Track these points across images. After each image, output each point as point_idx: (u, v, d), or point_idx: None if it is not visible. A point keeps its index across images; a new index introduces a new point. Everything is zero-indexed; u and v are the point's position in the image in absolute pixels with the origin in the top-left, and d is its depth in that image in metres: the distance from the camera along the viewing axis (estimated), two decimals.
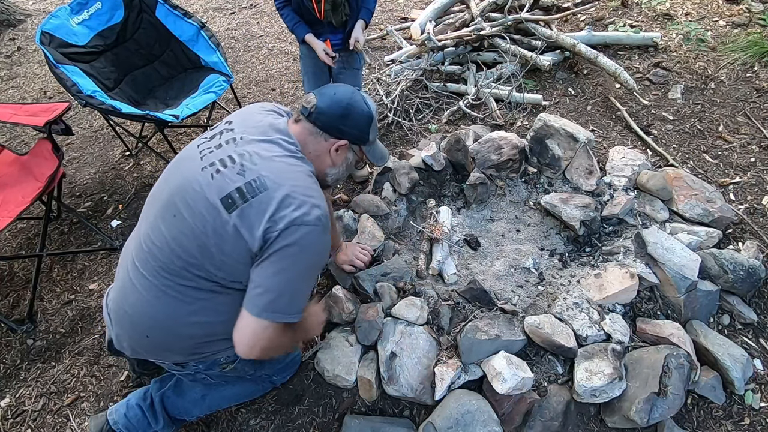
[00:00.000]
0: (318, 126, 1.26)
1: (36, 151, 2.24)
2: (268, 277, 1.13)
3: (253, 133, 1.25)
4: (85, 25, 2.59)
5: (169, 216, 1.20)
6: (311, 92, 1.29)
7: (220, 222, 1.12)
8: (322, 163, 1.32)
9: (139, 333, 1.26)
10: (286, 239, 1.10)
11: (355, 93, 1.29)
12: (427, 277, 1.91)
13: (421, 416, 1.60)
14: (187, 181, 1.20)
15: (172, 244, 1.18)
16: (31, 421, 1.71)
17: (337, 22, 1.94)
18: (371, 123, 1.31)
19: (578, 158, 2.14)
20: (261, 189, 1.12)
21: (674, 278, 1.70)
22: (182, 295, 1.19)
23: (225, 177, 1.15)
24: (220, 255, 1.13)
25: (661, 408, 1.46)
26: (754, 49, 2.95)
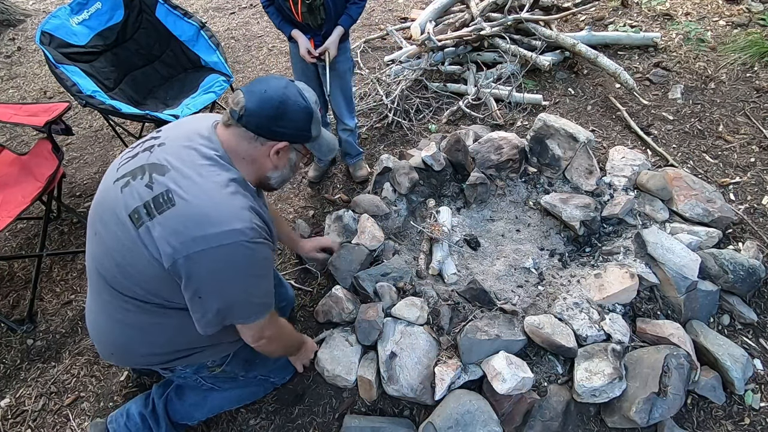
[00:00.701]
0: (250, 129, 1.12)
1: (36, 151, 2.24)
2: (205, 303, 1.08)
3: (175, 139, 1.15)
4: (85, 25, 2.59)
5: (92, 234, 1.18)
6: (240, 90, 1.15)
7: (130, 239, 1.06)
8: (262, 168, 1.19)
9: (105, 350, 1.27)
10: (205, 264, 1.03)
11: (288, 87, 1.14)
12: (427, 277, 1.91)
13: (421, 416, 1.60)
14: (101, 196, 1.17)
15: (98, 264, 1.16)
16: (31, 421, 1.71)
17: (313, 24, 1.94)
18: (311, 118, 1.18)
19: (578, 158, 2.14)
20: (168, 204, 1.03)
21: (674, 278, 1.70)
22: (127, 319, 1.17)
23: (133, 190, 1.08)
24: (138, 274, 1.08)
25: (661, 408, 1.46)
26: (754, 49, 2.95)
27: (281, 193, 2.56)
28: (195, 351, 1.28)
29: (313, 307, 1.89)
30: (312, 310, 1.89)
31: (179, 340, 1.23)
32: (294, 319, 1.87)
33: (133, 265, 1.08)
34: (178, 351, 1.26)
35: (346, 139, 2.41)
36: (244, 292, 1.11)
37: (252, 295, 1.14)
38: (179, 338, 1.23)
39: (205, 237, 1.02)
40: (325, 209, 2.42)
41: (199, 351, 1.29)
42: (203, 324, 1.12)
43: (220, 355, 1.35)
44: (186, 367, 1.33)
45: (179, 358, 1.28)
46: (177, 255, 1.02)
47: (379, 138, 2.83)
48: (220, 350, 1.34)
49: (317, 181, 2.57)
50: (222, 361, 1.37)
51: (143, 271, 1.07)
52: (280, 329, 1.32)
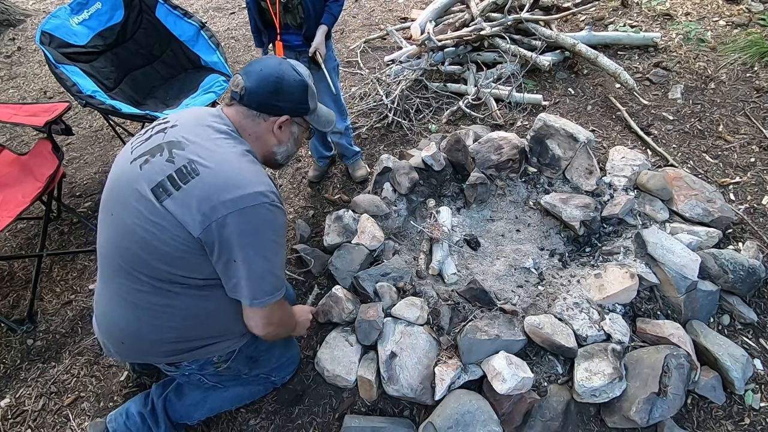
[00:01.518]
0: (252, 108, 1.21)
1: (36, 151, 2.24)
2: (238, 269, 1.11)
3: (187, 120, 1.22)
4: (85, 25, 2.59)
5: (107, 217, 1.20)
6: (237, 74, 1.23)
7: (155, 212, 1.09)
8: (267, 143, 1.27)
9: (115, 340, 1.26)
10: (235, 226, 1.07)
11: (282, 63, 1.23)
12: (427, 277, 1.91)
13: (421, 416, 1.60)
14: (117, 177, 1.19)
15: (115, 245, 1.17)
16: (31, 421, 1.71)
17: (292, 23, 1.93)
18: (307, 90, 1.25)
19: (578, 158, 2.14)
20: (193, 174, 1.08)
21: (674, 278, 1.70)
22: (141, 301, 1.18)
23: (154, 166, 1.12)
24: (164, 246, 1.10)
25: (661, 408, 1.46)
26: (754, 49, 2.95)
27: (281, 192, 2.56)
28: (203, 343, 1.29)
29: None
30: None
31: (189, 328, 1.24)
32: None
33: (158, 238, 1.09)
34: (187, 341, 1.26)
35: (338, 141, 2.39)
36: (267, 259, 1.14)
37: (273, 264, 1.15)
38: (189, 325, 1.23)
39: (234, 200, 1.06)
40: (325, 209, 2.42)
41: (207, 344, 1.29)
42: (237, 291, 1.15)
43: (227, 351, 1.35)
44: (192, 362, 1.33)
45: (187, 351, 1.28)
46: (208, 221, 1.06)
47: (379, 138, 2.83)
48: (227, 345, 1.34)
49: (317, 181, 2.57)
50: (228, 357, 1.37)
51: (169, 243, 1.09)
52: (286, 313, 1.33)
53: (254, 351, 1.45)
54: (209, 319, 1.25)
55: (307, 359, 1.76)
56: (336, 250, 1.97)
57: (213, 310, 1.24)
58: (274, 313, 1.23)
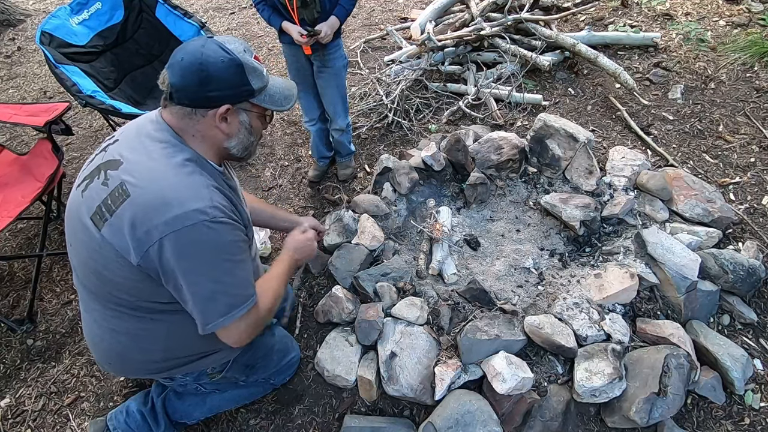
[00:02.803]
0: (186, 105, 1.04)
1: (36, 151, 2.24)
2: (184, 294, 1.02)
3: (127, 132, 1.12)
4: (85, 25, 2.59)
5: (69, 246, 1.16)
6: (165, 68, 1.06)
7: (96, 242, 1.02)
8: (215, 140, 1.10)
9: (103, 360, 1.25)
10: (172, 250, 0.97)
11: (206, 45, 1.03)
12: (427, 277, 1.91)
13: (421, 416, 1.60)
14: (69, 205, 1.14)
15: (79, 274, 1.15)
16: (31, 421, 1.71)
17: (309, 18, 1.94)
18: (242, 69, 1.04)
19: (578, 158, 2.14)
20: (123, 197, 0.99)
21: (674, 278, 1.70)
22: (118, 327, 1.15)
23: (92, 192, 1.04)
24: (114, 277, 1.04)
25: (661, 408, 1.46)
26: (754, 49, 2.95)
27: (281, 193, 2.56)
28: (193, 359, 1.26)
29: (313, 308, 1.89)
30: (312, 310, 1.89)
31: (174, 348, 1.21)
32: (294, 319, 1.87)
33: (107, 267, 1.03)
34: (176, 359, 1.24)
35: (339, 139, 2.41)
36: (218, 281, 1.03)
37: (227, 284, 1.04)
38: (173, 345, 1.20)
39: (167, 221, 0.96)
40: (325, 209, 2.42)
41: (198, 359, 1.26)
42: (199, 323, 1.06)
43: (220, 362, 1.33)
44: (186, 375, 1.32)
45: (177, 367, 1.26)
46: (144, 246, 0.97)
47: (379, 138, 2.83)
48: (220, 357, 1.31)
49: (317, 181, 2.57)
50: (222, 368, 1.35)
51: (118, 273, 1.03)
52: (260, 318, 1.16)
53: (250, 359, 1.44)
54: (192, 337, 1.15)
55: (307, 359, 1.76)
56: (336, 250, 1.97)
57: (192, 329, 1.11)
58: (240, 329, 1.10)
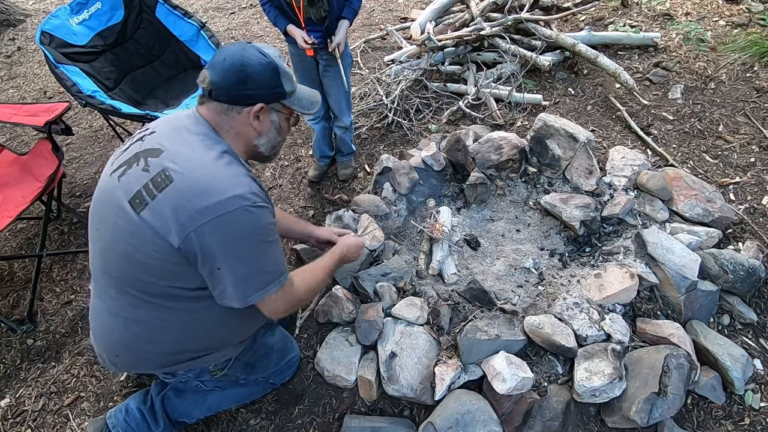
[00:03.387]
0: (223, 101, 1.14)
1: (36, 151, 2.24)
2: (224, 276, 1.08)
3: (164, 125, 1.18)
4: (85, 25, 2.59)
5: (94, 231, 1.18)
6: (204, 69, 1.17)
7: (134, 225, 1.06)
8: (247, 137, 1.20)
9: (111, 352, 1.25)
10: (215, 235, 1.03)
11: (246, 49, 1.15)
12: (427, 277, 1.91)
13: (421, 416, 1.60)
14: (100, 191, 1.18)
15: (103, 260, 1.16)
16: (31, 421, 1.71)
17: (315, 16, 1.93)
18: (278, 72, 1.16)
19: (578, 158, 2.14)
20: (167, 181, 1.05)
21: (674, 278, 1.70)
22: (133, 316, 1.16)
23: (130, 177, 1.09)
24: (147, 259, 1.07)
25: (661, 408, 1.46)
26: (754, 49, 2.95)
27: (281, 192, 2.56)
28: (199, 354, 1.27)
29: (313, 307, 1.89)
30: (312, 310, 1.89)
31: (184, 340, 1.23)
32: (295, 319, 1.87)
33: (140, 250, 1.07)
34: (184, 352, 1.25)
35: (341, 136, 2.42)
36: (255, 260, 1.10)
37: (263, 263, 1.13)
38: (184, 337, 1.22)
39: (209, 207, 1.02)
40: (325, 209, 2.42)
41: (203, 355, 1.28)
42: (224, 298, 1.12)
43: (222, 360, 1.34)
44: (188, 371, 1.32)
45: (183, 362, 1.27)
46: (186, 230, 1.03)
47: (379, 138, 2.83)
48: (223, 354, 1.33)
49: (317, 181, 2.57)
50: (224, 365, 1.36)
51: (152, 255, 1.07)
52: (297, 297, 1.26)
53: (251, 358, 1.45)
54: (203, 330, 1.22)
55: (307, 359, 1.76)
56: None
57: (206, 322, 1.21)
58: (276, 302, 1.18)
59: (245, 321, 1.31)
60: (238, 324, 1.30)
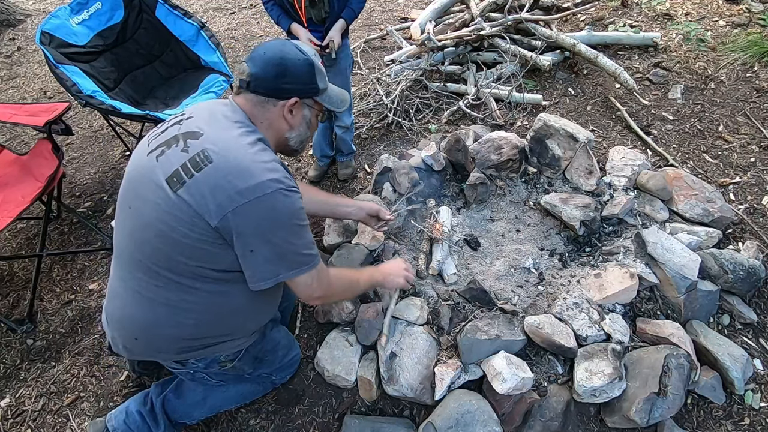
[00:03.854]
0: (260, 93, 1.20)
1: (36, 151, 2.24)
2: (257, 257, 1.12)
3: (201, 111, 1.22)
4: (85, 25, 2.59)
5: (125, 211, 1.20)
6: (243, 61, 1.22)
7: (171, 203, 1.09)
8: (279, 129, 1.25)
9: (128, 335, 1.26)
10: (252, 216, 1.07)
11: (285, 45, 1.21)
12: (427, 277, 1.91)
13: (421, 416, 1.60)
14: (134, 169, 1.20)
15: (134, 239, 1.17)
16: (31, 421, 1.71)
17: (316, 17, 1.94)
18: (314, 70, 1.23)
19: (578, 158, 2.14)
20: (206, 161, 1.08)
21: (674, 278, 1.70)
22: (158, 296, 1.18)
23: (169, 157, 1.12)
24: (182, 238, 1.10)
25: (661, 408, 1.46)
26: (754, 49, 2.95)
27: None
28: (215, 341, 1.29)
29: (314, 308, 1.89)
30: (312, 310, 1.89)
31: (205, 324, 1.24)
32: (295, 318, 1.87)
33: (175, 229, 1.09)
34: (202, 338, 1.27)
35: (342, 136, 2.43)
36: (289, 243, 1.14)
37: (297, 245, 1.16)
38: (206, 321, 1.24)
39: (249, 188, 1.06)
40: None
41: (218, 342, 1.30)
42: (256, 279, 1.15)
43: (234, 350, 1.36)
44: (199, 361, 1.33)
45: (199, 348, 1.28)
46: (224, 210, 1.06)
47: (379, 138, 2.83)
48: (236, 345, 1.35)
49: (317, 181, 2.57)
50: (234, 356, 1.38)
51: (187, 234, 1.09)
52: (334, 284, 1.32)
53: (259, 351, 1.46)
54: (224, 316, 1.26)
55: (307, 359, 1.76)
56: (336, 250, 1.97)
57: (229, 307, 1.24)
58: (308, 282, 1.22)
59: (261, 309, 1.36)
60: (255, 312, 1.34)
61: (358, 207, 1.78)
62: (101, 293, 2.13)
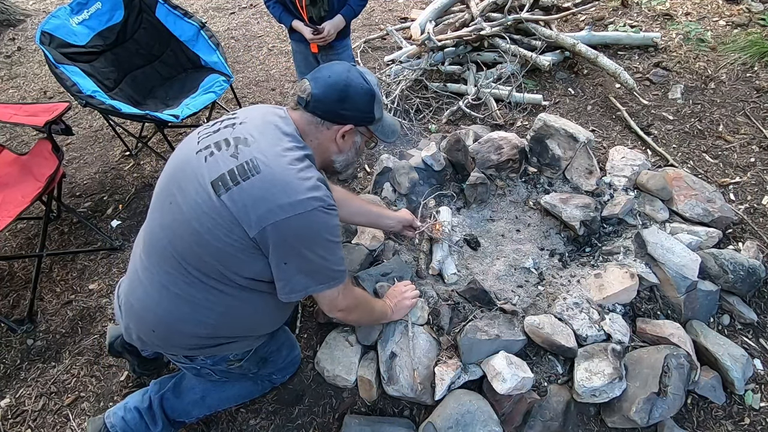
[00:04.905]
0: (318, 115, 1.20)
1: (36, 151, 2.24)
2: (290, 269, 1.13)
3: (255, 117, 1.22)
4: (85, 25, 2.59)
5: (166, 204, 1.20)
6: (305, 78, 1.22)
7: (211, 206, 1.09)
8: (327, 151, 1.27)
9: (146, 327, 1.26)
10: (291, 231, 1.08)
11: (351, 70, 1.21)
12: (427, 277, 1.91)
13: (421, 416, 1.60)
14: (181, 165, 1.19)
15: (169, 233, 1.17)
16: (31, 421, 1.71)
17: (316, 16, 1.96)
18: (374, 100, 1.23)
19: (578, 158, 2.14)
20: (254, 171, 1.08)
21: (674, 278, 1.70)
22: (184, 293, 1.18)
23: (218, 160, 1.12)
24: (216, 242, 1.10)
25: (661, 408, 1.46)
26: (754, 49, 2.95)
27: None
28: (228, 341, 1.30)
29: (314, 307, 1.89)
30: (312, 310, 1.89)
31: (224, 324, 1.25)
32: (295, 318, 1.87)
33: (211, 232, 1.10)
34: (218, 336, 1.28)
35: None
36: (323, 258, 1.16)
37: (329, 261, 1.18)
38: (224, 323, 1.24)
39: (291, 204, 1.07)
40: None
41: (231, 342, 1.31)
42: (287, 291, 1.17)
43: (243, 350, 1.37)
44: (208, 357, 1.34)
45: (212, 346, 1.29)
46: (264, 222, 1.07)
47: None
48: (246, 344, 1.36)
49: None
50: (243, 356, 1.39)
51: (222, 239, 1.10)
52: (357, 301, 1.36)
53: (266, 352, 1.47)
54: (243, 318, 1.27)
55: (307, 359, 1.76)
56: None
57: (249, 311, 1.25)
58: (339, 298, 1.26)
59: (278, 315, 1.38)
60: (272, 317, 1.36)
61: (397, 220, 1.84)
62: (101, 293, 2.13)
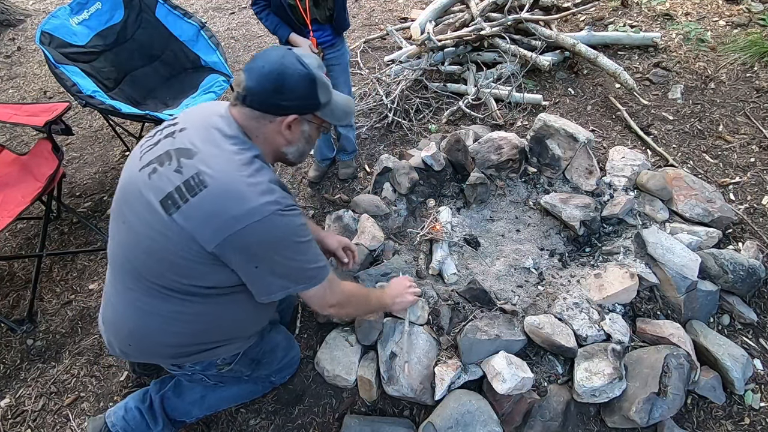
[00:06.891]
0: (256, 109, 1.12)
1: (36, 151, 2.24)
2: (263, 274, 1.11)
3: (195, 122, 1.16)
4: (85, 25, 2.59)
5: (119, 223, 1.18)
6: (241, 71, 1.13)
7: (163, 224, 1.06)
8: (275, 144, 1.19)
9: (123, 341, 1.25)
10: (250, 240, 1.05)
11: (285, 56, 1.11)
12: (427, 277, 1.91)
13: (421, 416, 1.60)
14: (127, 184, 1.16)
15: (126, 251, 1.16)
16: (31, 421, 1.71)
17: (321, 17, 1.94)
18: (315, 84, 1.13)
19: (578, 158, 2.14)
20: (201, 186, 1.04)
21: (674, 278, 1.70)
22: (149, 307, 1.17)
23: (162, 176, 1.08)
24: (172, 257, 1.08)
25: (661, 408, 1.46)
26: (754, 49, 2.95)
27: None
28: (210, 347, 1.29)
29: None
30: (312, 310, 1.89)
31: (198, 333, 1.24)
32: (295, 319, 1.87)
33: (167, 249, 1.07)
34: (195, 344, 1.26)
35: (346, 134, 2.43)
36: (294, 260, 1.13)
37: (301, 261, 1.14)
38: (199, 330, 1.23)
39: (245, 213, 1.03)
40: (325, 209, 2.42)
41: (214, 348, 1.29)
42: (264, 293, 1.15)
43: (231, 354, 1.35)
44: (196, 364, 1.33)
45: (194, 354, 1.28)
46: (221, 236, 1.03)
47: (379, 138, 2.83)
48: (233, 348, 1.34)
49: (317, 181, 2.57)
50: (231, 359, 1.37)
51: (179, 254, 1.07)
52: (347, 294, 1.32)
53: (257, 354, 1.45)
54: (218, 324, 1.24)
55: (307, 359, 1.76)
56: None
57: (222, 317, 1.23)
58: (327, 294, 1.23)
59: (257, 315, 1.34)
60: (251, 318, 1.32)
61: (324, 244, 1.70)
62: (101, 293, 2.12)
